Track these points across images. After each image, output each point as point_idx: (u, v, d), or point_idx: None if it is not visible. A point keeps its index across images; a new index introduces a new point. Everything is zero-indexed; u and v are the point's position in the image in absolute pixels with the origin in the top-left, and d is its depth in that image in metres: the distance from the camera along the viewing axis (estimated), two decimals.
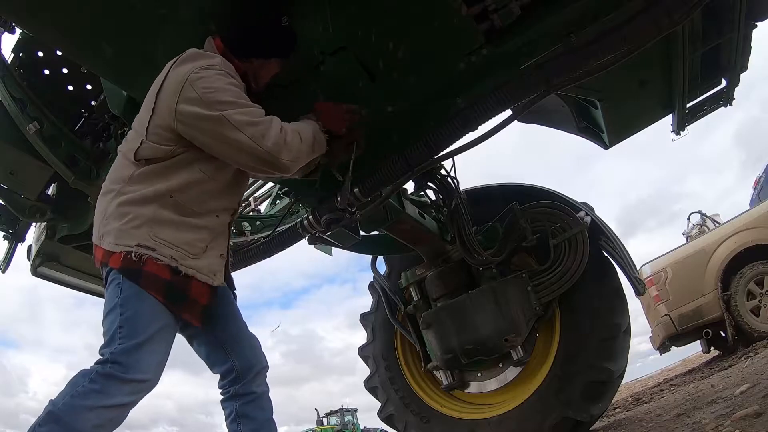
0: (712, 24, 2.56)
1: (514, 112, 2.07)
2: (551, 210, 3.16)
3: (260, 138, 1.58)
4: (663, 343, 6.09)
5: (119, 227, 1.57)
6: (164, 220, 1.58)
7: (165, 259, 1.56)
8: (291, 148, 1.65)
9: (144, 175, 1.61)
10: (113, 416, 1.47)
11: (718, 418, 2.25)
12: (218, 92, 1.57)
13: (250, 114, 1.60)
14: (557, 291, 3.01)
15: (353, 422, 23.34)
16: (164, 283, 1.55)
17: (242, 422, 1.74)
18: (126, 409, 1.49)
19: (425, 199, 3.22)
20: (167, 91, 1.58)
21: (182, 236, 1.60)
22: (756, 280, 5.21)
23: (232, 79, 1.64)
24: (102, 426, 1.45)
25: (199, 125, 1.57)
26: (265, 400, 1.80)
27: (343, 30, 1.88)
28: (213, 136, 1.58)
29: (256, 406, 1.76)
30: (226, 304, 1.82)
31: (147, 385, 1.52)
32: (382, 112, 2.08)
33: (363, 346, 3.86)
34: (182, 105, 1.55)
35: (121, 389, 1.46)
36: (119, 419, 1.49)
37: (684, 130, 3.36)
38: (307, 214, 2.38)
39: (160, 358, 1.56)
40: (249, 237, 3.86)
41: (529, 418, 3.01)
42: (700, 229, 7.14)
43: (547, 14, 1.88)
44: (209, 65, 1.61)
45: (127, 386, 1.47)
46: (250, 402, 1.75)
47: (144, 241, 1.55)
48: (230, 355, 1.77)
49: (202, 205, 1.66)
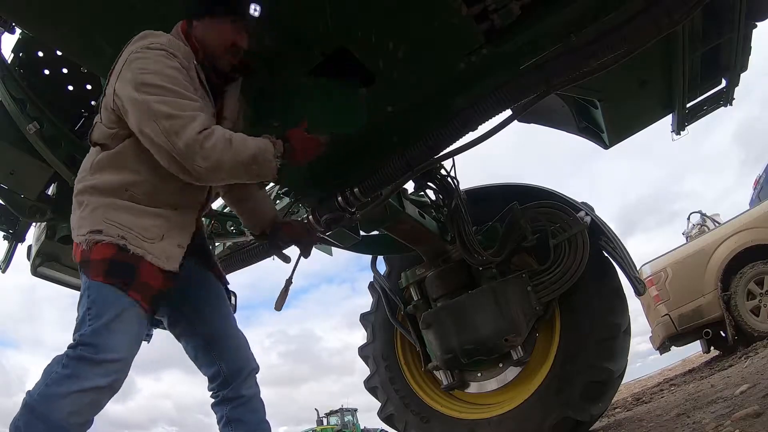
0: (712, 24, 2.56)
1: (514, 112, 2.07)
2: (551, 210, 3.16)
3: (173, 134, 1.44)
4: (663, 343, 6.08)
5: (79, 216, 1.56)
6: (120, 207, 1.54)
7: (109, 238, 1.49)
8: (209, 156, 1.46)
9: (101, 164, 1.57)
10: (89, 401, 1.42)
11: (718, 418, 2.25)
12: (150, 74, 1.47)
13: (174, 105, 1.46)
14: (557, 291, 3.01)
15: (353, 422, 23.33)
16: (107, 262, 1.48)
17: (235, 426, 1.71)
18: (102, 394, 1.44)
19: (425, 199, 3.22)
20: (113, 71, 1.56)
21: (138, 221, 1.54)
22: (756, 280, 5.21)
23: (174, 62, 1.52)
24: (78, 413, 1.41)
25: (127, 108, 1.49)
26: (257, 402, 1.76)
27: (343, 30, 1.88)
28: (135, 122, 1.48)
29: (247, 410, 1.73)
30: (211, 297, 1.78)
31: (120, 365, 1.47)
32: (382, 112, 2.08)
33: (363, 346, 3.86)
34: (119, 84, 1.51)
35: (94, 371, 1.41)
36: (96, 405, 1.45)
37: (684, 130, 3.36)
38: (307, 214, 2.38)
39: (130, 337, 1.50)
40: (249, 237, 3.86)
41: (529, 418, 3.00)
42: (700, 229, 7.14)
43: (547, 14, 1.88)
44: (152, 44, 1.52)
45: (99, 368, 1.42)
46: (240, 406, 1.72)
47: (95, 226, 1.51)
48: (216, 358, 1.72)
49: (157, 200, 1.59)
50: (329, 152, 1.83)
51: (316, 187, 2.35)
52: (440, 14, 1.84)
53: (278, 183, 3.61)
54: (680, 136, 3.38)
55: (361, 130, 2.05)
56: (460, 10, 1.82)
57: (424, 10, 1.84)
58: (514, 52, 1.97)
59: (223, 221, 3.83)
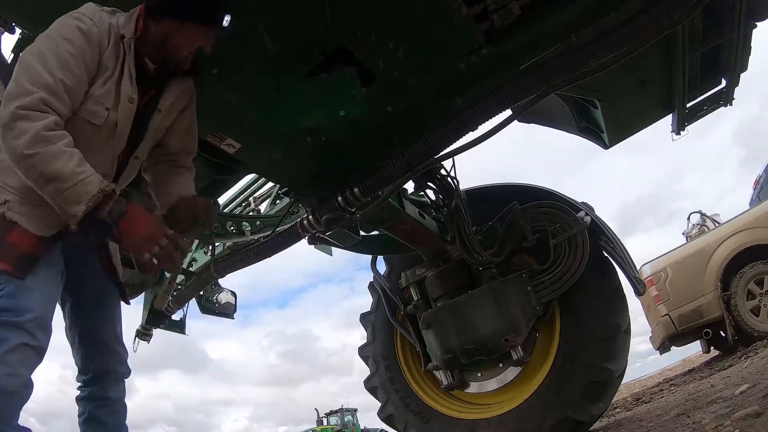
0: (712, 24, 2.56)
1: (514, 112, 2.07)
2: (551, 210, 3.16)
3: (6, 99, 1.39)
4: (663, 343, 6.09)
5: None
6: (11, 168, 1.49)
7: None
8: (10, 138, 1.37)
9: None
10: (20, 359, 1.44)
11: (718, 418, 2.25)
12: (43, 38, 1.46)
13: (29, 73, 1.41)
14: (557, 291, 3.01)
15: (353, 422, 23.35)
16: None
17: (93, 425, 1.72)
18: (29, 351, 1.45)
19: (425, 199, 3.22)
20: None
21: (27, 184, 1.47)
22: (756, 280, 5.21)
23: (81, 32, 1.46)
24: (15, 374, 1.42)
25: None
26: (120, 407, 1.77)
27: (343, 30, 1.88)
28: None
29: (109, 412, 1.74)
30: (99, 295, 1.77)
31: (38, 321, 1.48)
32: (382, 112, 2.08)
33: (363, 346, 3.86)
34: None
35: (16, 332, 1.43)
36: (28, 363, 1.46)
37: (684, 130, 3.36)
38: (307, 214, 2.38)
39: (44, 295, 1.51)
40: (249, 237, 3.86)
41: (529, 418, 3.00)
42: (700, 229, 7.14)
43: (547, 14, 1.88)
44: (74, 11, 1.50)
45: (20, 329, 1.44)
46: (103, 407, 1.73)
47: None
48: (89, 354, 1.73)
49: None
50: (330, 152, 1.83)
51: (316, 187, 2.35)
52: (440, 14, 1.84)
53: (278, 183, 3.61)
54: (680, 136, 3.38)
55: (361, 130, 2.05)
56: (460, 10, 1.82)
57: (424, 10, 1.84)
58: (514, 52, 1.97)
59: (223, 221, 3.83)
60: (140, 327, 3.88)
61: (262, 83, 1.97)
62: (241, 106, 2.01)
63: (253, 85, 1.96)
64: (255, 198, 4.72)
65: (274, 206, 4.44)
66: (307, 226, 2.40)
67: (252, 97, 1.99)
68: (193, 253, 4.42)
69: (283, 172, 2.42)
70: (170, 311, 3.78)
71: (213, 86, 1.89)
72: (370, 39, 1.89)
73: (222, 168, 2.77)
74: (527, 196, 3.26)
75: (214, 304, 4.27)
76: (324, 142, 2.16)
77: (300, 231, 2.48)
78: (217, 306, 4.28)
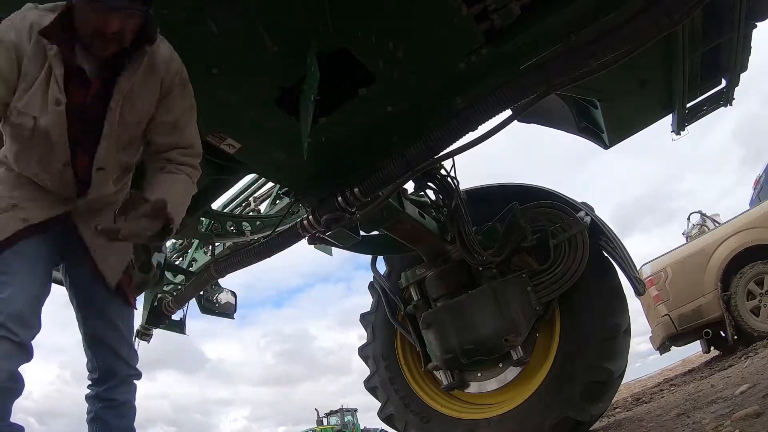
0: (712, 24, 2.56)
1: (514, 112, 2.07)
2: (551, 210, 3.16)
3: None
4: (663, 343, 6.08)
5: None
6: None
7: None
8: None
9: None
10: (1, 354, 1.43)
11: (718, 418, 2.25)
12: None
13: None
14: (557, 291, 3.01)
15: (353, 422, 23.33)
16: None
17: (100, 426, 1.72)
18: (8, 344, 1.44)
19: (425, 199, 3.22)
20: None
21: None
22: (756, 280, 5.21)
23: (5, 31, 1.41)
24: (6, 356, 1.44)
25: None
26: (127, 409, 1.76)
27: (343, 30, 1.88)
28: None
29: (115, 414, 1.73)
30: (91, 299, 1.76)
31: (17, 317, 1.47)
32: (382, 112, 2.08)
33: (363, 346, 3.86)
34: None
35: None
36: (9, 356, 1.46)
37: (684, 130, 3.36)
38: (307, 214, 2.38)
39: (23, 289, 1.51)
40: (249, 237, 3.86)
41: (529, 418, 3.00)
42: (700, 229, 7.14)
43: (547, 14, 1.88)
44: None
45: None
46: (110, 409, 1.72)
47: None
48: (95, 355, 1.73)
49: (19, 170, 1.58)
50: (330, 152, 1.83)
51: (316, 187, 2.35)
52: (440, 14, 1.84)
53: (278, 183, 3.61)
54: (680, 136, 3.38)
55: (361, 130, 2.05)
56: (460, 10, 1.82)
57: (424, 10, 1.84)
58: (514, 52, 1.97)
59: (223, 221, 3.83)
60: (140, 327, 3.87)
61: (262, 83, 1.97)
62: (241, 106, 2.01)
63: (252, 85, 1.96)
64: (255, 198, 4.72)
65: (274, 206, 4.44)
66: (307, 226, 2.40)
67: (252, 97, 1.99)
68: (194, 253, 4.43)
69: (283, 172, 2.42)
70: (170, 311, 3.78)
71: (213, 86, 1.89)
72: (370, 39, 1.89)
73: (222, 168, 2.77)
74: (527, 196, 3.26)
75: (214, 304, 4.27)
76: (324, 142, 2.16)
77: (300, 231, 2.48)
78: (217, 306, 4.28)
